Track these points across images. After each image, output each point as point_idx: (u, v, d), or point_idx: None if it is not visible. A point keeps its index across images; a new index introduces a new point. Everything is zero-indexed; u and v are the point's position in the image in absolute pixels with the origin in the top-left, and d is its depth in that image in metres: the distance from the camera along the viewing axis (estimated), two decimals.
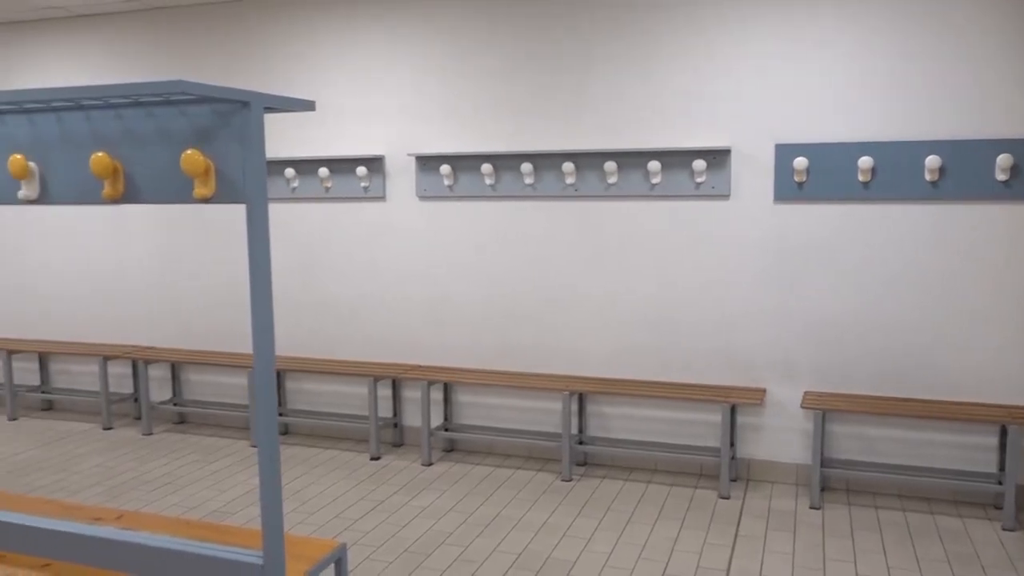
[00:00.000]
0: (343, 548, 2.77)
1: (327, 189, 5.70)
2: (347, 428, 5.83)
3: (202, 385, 6.26)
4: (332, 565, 2.76)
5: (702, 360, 5.02)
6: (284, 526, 3.47)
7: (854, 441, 4.77)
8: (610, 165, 4.96)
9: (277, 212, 5.87)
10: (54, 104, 2.50)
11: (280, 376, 5.95)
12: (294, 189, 5.77)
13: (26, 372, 6.79)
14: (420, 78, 5.42)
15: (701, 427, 5.06)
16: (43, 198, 2.59)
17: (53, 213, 6.58)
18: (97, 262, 6.47)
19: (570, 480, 4.98)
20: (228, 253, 6.05)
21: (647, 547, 4.04)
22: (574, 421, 5.26)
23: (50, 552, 2.75)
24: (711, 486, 4.86)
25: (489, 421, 5.53)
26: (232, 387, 6.15)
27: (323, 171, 5.62)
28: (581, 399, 5.27)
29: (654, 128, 4.96)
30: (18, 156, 2.54)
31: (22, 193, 2.59)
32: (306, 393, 5.96)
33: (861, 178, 4.57)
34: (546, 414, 5.37)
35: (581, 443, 5.23)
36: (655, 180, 4.95)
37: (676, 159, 4.92)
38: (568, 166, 5.05)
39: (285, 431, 6.00)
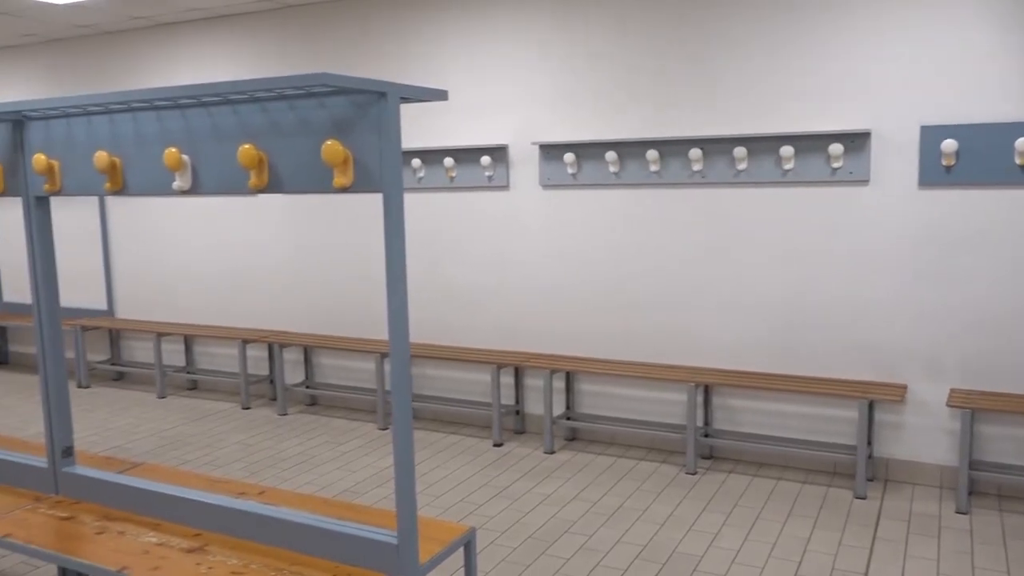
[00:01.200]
0: (472, 532, 2.81)
1: (452, 179, 5.78)
2: (470, 414, 5.91)
3: (333, 369, 6.50)
4: (461, 548, 2.80)
5: (837, 354, 4.79)
6: None
7: (1007, 443, 4.45)
8: (740, 151, 4.80)
9: (404, 201, 6.00)
10: (204, 100, 2.63)
11: None
12: (420, 179, 5.89)
13: (173, 354, 7.24)
14: (544, 66, 5.41)
15: (835, 423, 4.84)
16: (195, 189, 2.73)
17: (197, 206, 6.97)
18: (237, 252, 6.82)
19: (695, 473, 4.88)
20: (359, 242, 6.24)
21: (777, 546, 3.91)
22: (699, 413, 5.14)
23: (201, 523, 2.92)
24: (846, 485, 4.65)
25: (611, 411, 5.48)
26: (360, 371, 6.35)
27: (448, 161, 5.71)
28: (707, 391, 5.14)
29: (786, 112, 4.77)
30: (173, 149, 2.69)
31: (176, 184, 2.74)
32: (429, 379, 6.09)
33: (1019, 161, 4.24)
34: (670, 405, 5.28)
35: (706, 436, 5.11)
36: (787, 166, 4.75)
37: (810, 143, 4.71)
38: (695, 153, 4.93)
39: (413, 415, 6.15)
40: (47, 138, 3.03)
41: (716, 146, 4.93)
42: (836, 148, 4.56)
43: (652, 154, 5.04)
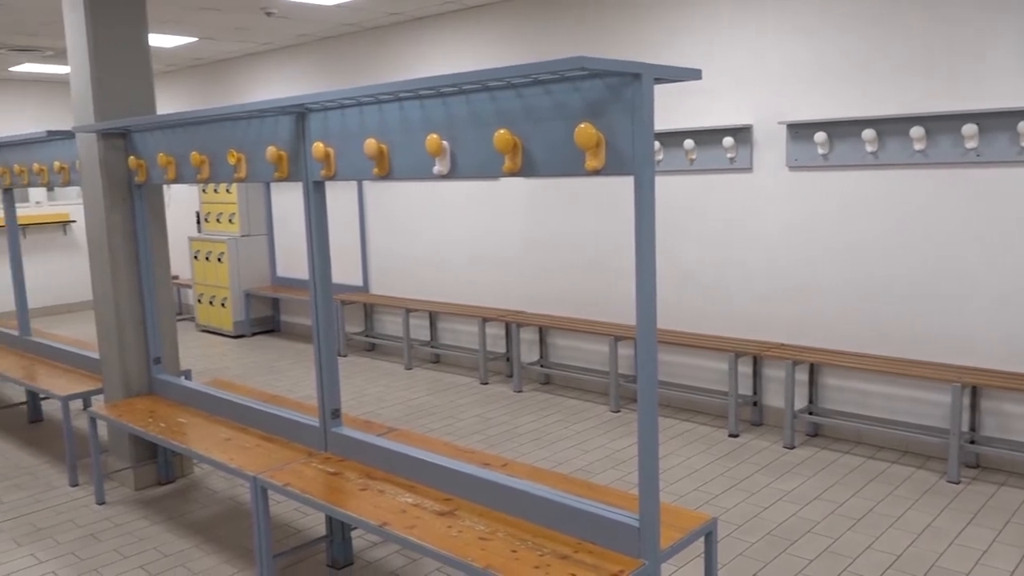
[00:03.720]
0: (714, 522, 2.75)
1: (691, 161, 5.65)
2: (704, 402, 5.78)
3: (566, 349, 6.63)
4: (702, 538, 2.75)
5: None
6: None
7: None
8: None
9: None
10: (465, 87, 2.76)
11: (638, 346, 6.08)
12: (659, 162, 5.81)
13: (419, 328, 7.74)
14: (790, 39, 5.12)
15: None
16: (453, 173, 2.88)
17: (443, 190, 7.37)
18: (479, 234, 7.13)
19: (958, 482, 4.43)
20: (595, 226, 6.30)
21: None
22: (965, 417, 4.66)
23: (452, 488, 3.09)
24: None
25: (859, 408, 5.12)
26: (594, 353, 6.42)
27: (688, 143, 5.58)
28: (974, 393, 4.65)
29: None
30: (434, 136, 2.85)
31: (436, 169, 2.91)
32: (665, 364, 6.03)
33: None
34: (928, 406, 4.83)
35: (972, 442, 4.62)
36: None
37: None
38: (969, 129, 4.44)
39: None
40: (324, 128, 3.33)
41: (995, 120, 4.41)
42: None
43: (917, 131, 4.61)
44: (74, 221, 11.11)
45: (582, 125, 2.41)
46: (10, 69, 9.54)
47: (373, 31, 7.67)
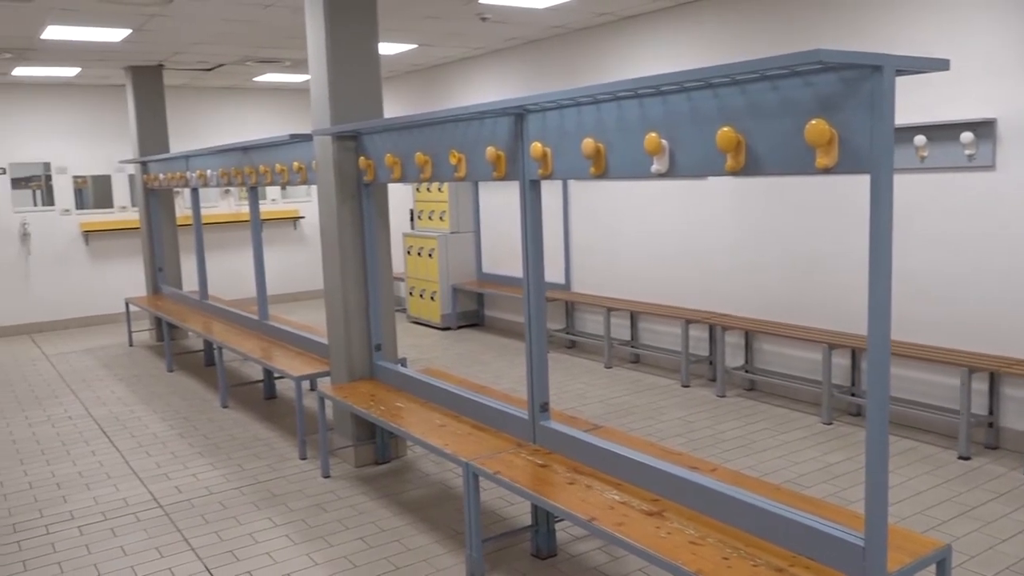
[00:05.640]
0: (948, 549, 2.54)
1: (922, 159, 5.23)
2: (931, 419, 5.34)
3: (774, 355, 6.37)
4: (933, 565, 2.54)
5: None
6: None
7: None
8: None
9: (861, 183, 5.60)
10: (687, 85, 2.72)
11: (855, 355, 5.73)
12: None
13: (619, 328, 7.74)
14: None
15: None
16: (671, 172, 2.85)
17: (648, 188, 7.31)
18: (683, 233, 7.02)
19: None
20: (808, 226, 6.00)
21: None
22: None
23: (659, 489, 3.07)
24: None
25: None
26: (804, 361, 6.12)
27: (919, 139, 5.17)
28: None
29: None
30: (653, 134, 2.84)
31: (654, 168, 2.89)
32: (895, 378, 5.60)
33: None
34: None
35: None
36: None
37: None
38: None
39: (857, 412, 5.77)
40: (542, 128, 3.41)
41: None
42: None
43: None
44: (303, 217, 12.13)
45: (814, 121, 2.31)
46: (254, 79, 10.58)
47: (580, 32, 7.75)
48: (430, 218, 9.69)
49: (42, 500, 4.74)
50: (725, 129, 2.57)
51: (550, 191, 8.34)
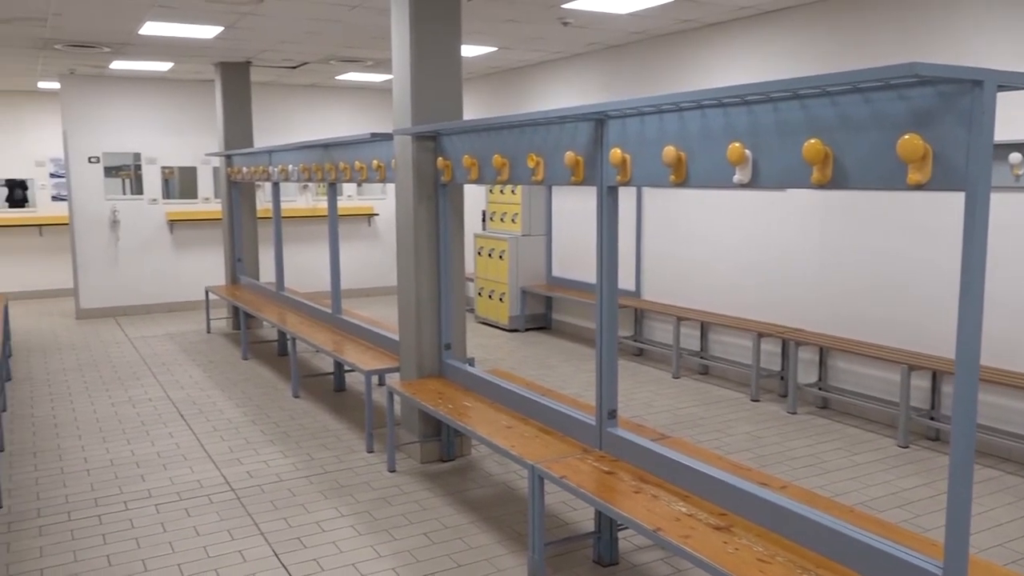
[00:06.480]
0: None
1: (1017, 177, 5.03)
2: (1010, 448, 5.13)
3: (849, 374, 6.20)
4: None
5: None
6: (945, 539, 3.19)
7: None
8: None
9: (950, 200, 5.41)
10: (773, 95, 2.68)
11: (935, 377, 5.53)
12: None
13: (688, 338, 7.65)
14: None
15: None
16: (754, 182, 2.81)
17: (724, 199, 7.21)
18: (758, 245, 6.89)
19: None
20: (889, 241, 5.82)
21: None
22: None
23: (727, 503, 3.03)
24: None
25: None
26: (880, 381, 5.94)
27: (1015, 156, 4.97)
28: None
29: None
30: (737, 144, 2.80)
31: (736, 178, 2.85)
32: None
33: None
34: None
35: None
36: None
37: None
38: None
39: (936, 436, 5.57)
40: (622, 134, 3.40)
41: None
42: None
43: None
44: (377, 215, 12.34)
45: (907, 136, 2.25)
46: (336, 78, 10.81)
47: (659, 39, 7.69)
48: (502, 220, 9.74)
49: (122, 477, 4.93)
50: (812, 141, 2.52)
51: (623, 197, 8.29)
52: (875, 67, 2.24)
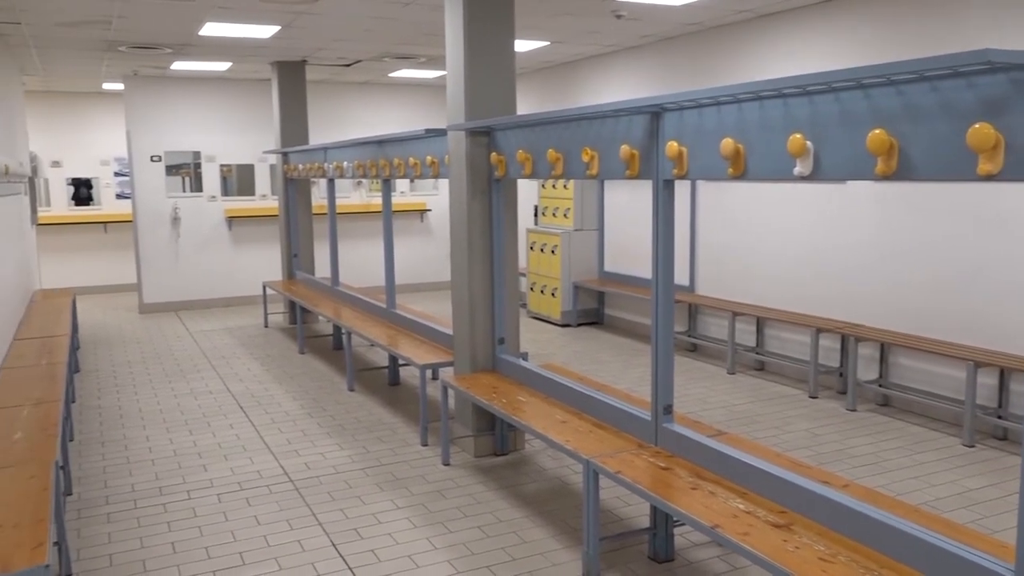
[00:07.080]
0: None
1: None
2: None
3: (911, 371, 6.04)
4: None
5: None
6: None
7: None
8: None
9: (1012, 187, 5.23)
10: (835, 85, 2.62)
11: (1003, 375, 5.36)
12: None
13: (744, 333, 7.54)
14: None
15: None
16: (815, 175, 2.75)
17: (780, 191, 7.08)
18: (816, 239, 6.75)
19: None
20: (954, 235, 5.66)
21: None
22: None
23: (787, 501, 2.98)
24: None
25: None
26: (945, 378, 5.78)
27: None
28: None
29: None
30: (798, 135, 2.75)
31: (797, 170, 2.80)
32: None
33: None
34: None
35: None
36: None
37: None
38: None
39: (1004, 436, 5.40)
40: (679, 127, 3.36)
41: None
42: None
43: None
44: (430, 210, 12.43)
45: (978, 125, 2.18)
46: (389, 75, 10.91)
47: (714, 30, 7.58)
48: (554, 215, 9.73)
49: (185, 467, 5.07)
50: (877, 131, 2.46)
51: (676, 190, 8.20)
52: (943, 54, 2.17)
